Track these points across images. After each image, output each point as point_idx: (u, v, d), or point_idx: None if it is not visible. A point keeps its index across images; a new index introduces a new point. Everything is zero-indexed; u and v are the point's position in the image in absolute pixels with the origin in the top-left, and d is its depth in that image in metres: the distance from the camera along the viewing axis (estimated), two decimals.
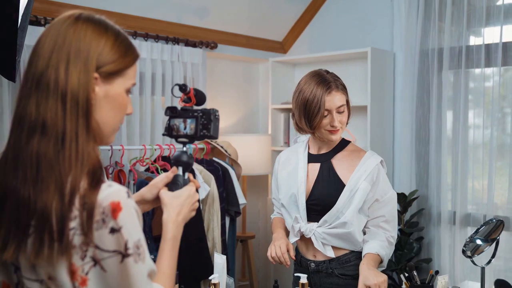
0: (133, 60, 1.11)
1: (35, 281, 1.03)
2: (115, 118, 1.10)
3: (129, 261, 1.00)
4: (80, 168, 1.00)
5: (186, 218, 1.24)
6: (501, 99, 3.18)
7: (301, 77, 4.16)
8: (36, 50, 1.05)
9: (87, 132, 1.02)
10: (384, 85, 3.59)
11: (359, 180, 1.96)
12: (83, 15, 1.08)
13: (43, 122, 1.00)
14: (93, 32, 1.05)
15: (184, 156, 1.28)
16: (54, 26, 1.06)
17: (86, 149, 1.01)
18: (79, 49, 1.03)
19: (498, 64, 3.14)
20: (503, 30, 3.13)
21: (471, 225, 3.29)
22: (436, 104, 3.41)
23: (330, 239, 1.99)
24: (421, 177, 3.49)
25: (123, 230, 0.99)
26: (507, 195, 3.14)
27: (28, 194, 0.98)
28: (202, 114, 1.28)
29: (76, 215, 0.98)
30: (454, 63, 3.34)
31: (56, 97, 1.01)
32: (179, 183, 1.27)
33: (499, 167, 3.22)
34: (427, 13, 3.43)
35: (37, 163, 0.99)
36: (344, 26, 3.95)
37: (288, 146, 4.02)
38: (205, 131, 1.28)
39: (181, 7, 3.45)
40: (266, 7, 3.89)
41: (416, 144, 3.50)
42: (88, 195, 0.99)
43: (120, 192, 1.02)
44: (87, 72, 1.03)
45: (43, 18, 2.79)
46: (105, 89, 1.07)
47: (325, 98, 1.93)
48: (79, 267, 0.99)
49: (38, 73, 1.02)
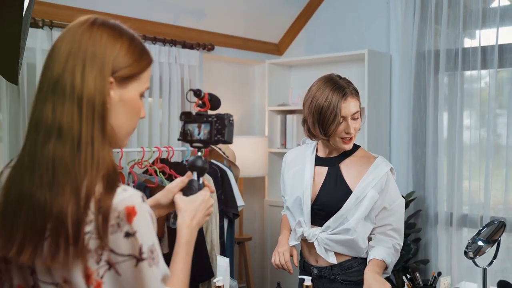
0: (147, 65, 1.12)
1: (50, 284, 1.03)
2: (130, 122, 1.11)
3: (144, 265, 1.00)
4: (95, 172, 1.00)
5: (201, 223, 1.25)
6: (496, 100, 3.20)
7: (297, 79, 4.24)
8: (52, 54, 1.05)
9: (102, 136, 1.03)
10: (380, 87, 3.61)
11: (367, 187, 1.92)
12: (98, 20, 1.08)
13: (59, 126, 1.01)
14: (109, 37, 1.06)
15: (199, 161, 1.29)
16: (70, 31, 1.07)
17: (101, 153, 1.02)
18: (94, 53, 1.03)
19: (494, 66, 3.17)
20: (499, 32, 3.16)
21: (468, 226, 3.31)
22: (433, 105, 3.43)
23: (333, 245, 1.96)
24: (418, 178, 3.51)
25: (137, 235, 1.00)
26: (504, 196, 3.17)
27: (44, 198, 0.98)
28: (216, 119, 1.28)
29: (92, 219, 0.98)
30: (451, 65, 3.36)
31: (72, 101, 1.01)
32: (194, 188, 1.27)
33: (495, 168, 3.24)
34: (424, 15, 3.46)
35: (53, 167, 0.99)
36: (340, 28, 3.97)
37: (284, 147, 4.03)
38: (220, 136, 1.28)
39: (178, 9, 3.45)
40: (262, 9, 3.90)
41: (412, 145, 3.52)
42: (104, 199, 0.99)
43: (135, 196, 1.02)
44: (103, 76, 1.03)
45: (41, 20, 2.78)
46: (120, 93, 1.07)
47: (341, 105, 1.88)
48: (94, 270, 0.99)
49: (54, 78, 1.03)
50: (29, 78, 2.78)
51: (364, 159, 2.01)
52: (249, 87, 4.30)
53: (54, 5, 2.86)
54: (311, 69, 4.02)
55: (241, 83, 4.22)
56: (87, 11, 3.01)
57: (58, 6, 2.89)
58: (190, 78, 3.56)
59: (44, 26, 2.81)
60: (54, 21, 2.84)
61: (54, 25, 2.84)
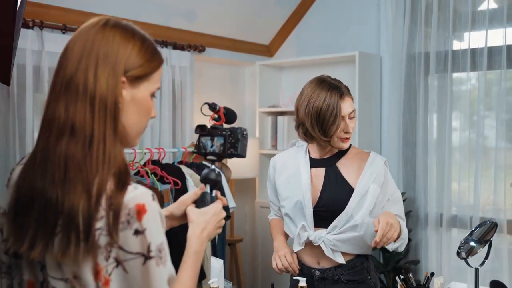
0: (158, 65, 1.13)
1: (60, 280, 1.04)
2: (141, 121, 1.13)
3: (151, 264, 1.01)
4: (107, 169, 1.01)
5: (211, 235, 1.26)
6: (485, 102, 3.23)
7: (288, 80, 4.25)
8: (65, 55, 1.07)
9: (114, 134, 1.04)
10: (371, 88, 3.63)
11: (368, 182, 1.93)
12: (110, 21, 1.10)
13: (72, 124, 1.02)
14: (121, 38, 1.07)
15: (212, 174, 1.30)
16: (82, 32, 1.09)
17: (113, 151, 1.03)
18: (107, 53, 1.05)
19: (483, 68, 3.20)
20: (488, 35, 3.19)
21: (458, 227, 3.34)
22: (423, 107, 3.45)
23: (340, 245, 1.94)
24: (408, 179, 3.53)
25: (146, 232, 1.01)
26: (492, 197, 3.20)
27: (56, 195, 1.00)
28: (230, 133, 1.30)
29: (103, 215, 1.00)
30: (441, 67, 3.39)
31: (85, 100, 1.03)
32: (206, 200, 1.29)
33: (484, 169, 3.28)
34: (414, 17, 3.48)
35: (65, 165, 1.01)
36: (331, 30, 3.98)
37: (275, 149, 4.03)
38: (233, 149, 1.30)
39: (169, 11, 3.44)
40: (253, 11, 3.90)
41: (403, 147, 3.54)
42: (115, 196, 1.00)
43: (145, 194, 1.03)
44: (115, 76, 1.05)
45: (31, 20, 2.75)
46: (132, 93, 1.09)
47: (340, 104, 1.89)
48: (103, 267, 1.00)
49: (68, 77, 1.04)
50: (19, 79, 2.75)
51: (359, 156, 2.03)
52: (239, 89, 4.30)
53: (44, 5, 2.84)
54: (302, 71, 4.03)
55: (232, 85, 4.22)
56: (77, 12, 2.99)
57: (49, 7, 2.87)
58: (181, 79, 3.56)
59: (35, 27, 2.79)
60: (44, 21, 2.82)
61: (44, 26, 2.82)
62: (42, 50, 2.83)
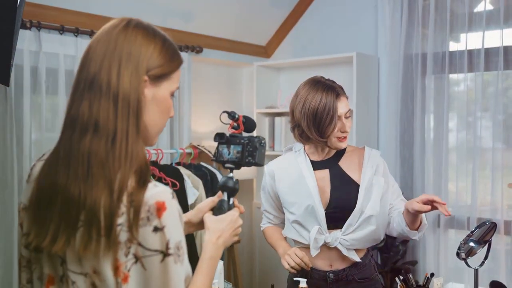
0: (178, 65, 1.17)
1: (79, 274, 1.05)
2: (161, 120, 1.15)
3: (169, 261, 1.03)
4: (129, 166, 1.03)
5: (227, 242, 1.27)
6: (482, 103, 3.24)
7: (286, 81, 4.25)
8: (87, 54, 1.10)
9: (136, 132, 1.06)
10: (368, 89, 3.63)
11: (371, 175, 1.97)
12: (132, 22, 1.12)
13: (95, 122, 1.04)
14: (143, 38, 1.10)
15: (230, 182, 1.32)
16: (105, 32, 1.11)
17: (135, 148, 1.05)
18: (130, 53, 1.07)
19: (480, 69, 3.21)
20: (485, 36, 3.20)
21: (455, 228, 3.35)
22: (420, 108, 3.46)
23: (357, 244, 1.96)
24: (406, 180, 3.54)
25: (165, 229, 1.02)
26: (490, 197, 3.21)
27: (79, 190, 1.02)
28: (248, 142, 1.33)
29: (124, 211, 1.01)
30: (438, 68, 3.40)
31: (108, 98, 1.05)
32: (224, 208, 1.31)
33: (481, 170, 3.29)
34: (411, 18, 3.49)
35: (88, 161, 1.03)
36: (328, 30, 3.99)
37: (273, 150, 4.03)
38: (251, 158, 1.32)
39: (166, 11, 3.44)
40: (250, 12, 3.90)
41: (400, 147, 3.55)
42: (136, 193, 1.02)
43: (165, 192, 1.05)
44: (138, 74, 1.08)
45: (29, 21, 2.74)
46: (153, 92, 1.11)
47: (337, 104, 1.89)
48: (122, 263, 1.02)
49: (91, 76, 1.07)
50: (16, 79, 2.74)
51: (356, 152, 2.06)
52: (237, 90, 4.29)
53: (42, 6, 2.83)
54: (300, 72, 4.03)
55: (230, 85, 4.22)
56: (75, 13, 2.99)
57: (46, 7, 2.86)
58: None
59: (32, 27, 2.78)
60: (42, 22, 2.81)
61: (42, 26, 2.81)
62: (39, 51, 2.82)
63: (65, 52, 2.93)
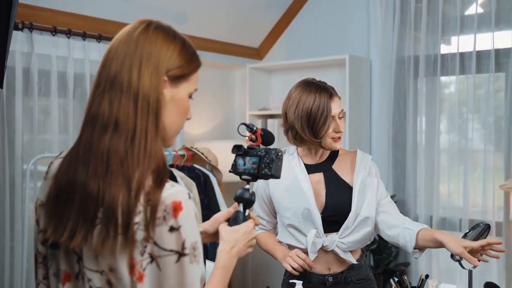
0: (197, 67, 1.19)
1: (95, 272, 1.06)
2: (179, 121, 1.17)
3: (185, 261, 1.03)
4: (147, 164, 1.05)
5: (241, 253, 1.29)
6: (473, 105, 3.27)
7: (278, 83, 4.25)
8: (109, 54, 1.12)
9: (155, 131, 1.08)
10: (361, 91, 3.65)
11: (364, 177, 1.98)
12: (153, 23, 1.15)
13: (115, 120, 1.06)
14: (163, 39, 1.12)
15: (246, 193, 1.34)
16: (126, 33, 1.14)
17: (154, 147, 1.07)
18: (150, 53, 1.10)
19: (472, 72, 3.24)
20: (476, 39, 3.23)
21: (447, 229, 3.37)
22: (412, 110, 3.48)
23: (353, 245, 1.96)
24: (398, 182, 3.56)
25: (181, 229, 1.03)
26: (481, 199, 3.23)
27: (98, 187, 1.03)
28: (265, 154, 1.34)
29: (141, 210, 1.02)
30: (430, 70, 3.42)
31: (129, 96, 1.07)
32: (239, 219, 1.32)
33: (472, 172, 3.31)
34: (403, 21, 3.51)
35: (107, 158, 1.04)
36: (320, 33, 4.00)
37: None
38: (267, 170, 1.33)
39: (159, 13, 3.42)
40: (243, 14, 3.90)
41: (393, 149, 3.57)
42: (153, 192, 1.03)
43: (182, 192, 1.06)
44: (158, 74, 1.10)
45: (21, 22, 2.73)
46: (172, 92, 1.13)
47: (330, 104, 1.90)
48: (138, 262, 1.02)
49: (112, 75, 1.09)
50: (8, 81, 2.72)
51: (348, 155, 2.07)
52: (230, 91, 4.29)
53: (34, 7, 2.81)
54: (292, 74, 4.04)
55: (222, 88, 4.22)
56: (67, 14, 2.97)
57: (38, 8, 2.84)
58: None
59: (24, 29, 2.76)
60: (34, 23, 2.79)
61: (34, 28, 2.79)
62: (31, 52, 2.80)
63: (58, 53, 2.91)
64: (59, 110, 2.96)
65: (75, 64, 2.99)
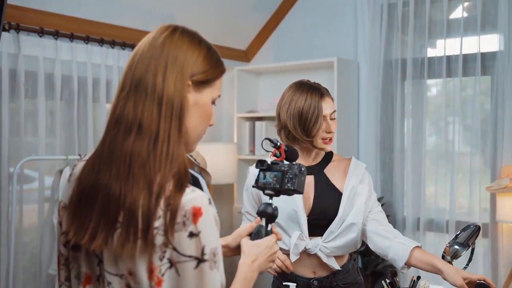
0: (221, 73, 1.19)
1: (115, 275, 1.06)
2: (201, 126, 1.17)
3: (205, 267, 1.02)
4: (169, 167, 1.05)
5: (262, 267, 1.29)
6: (460, 108, 3.31)
7: (266, 86, 4.25)
8: (134, 57, 1.13)
9: (179, 134, 1.08)
10: (348, 94, 3.67)
11: (355, 184, 1.97)
12: (179, 28, 1.16)
13: (139, 122, 1.07)
14: (189, 44, 1.13)
15: (269, 208, 1.34)
16: (152, 37, 1.15)
17: (176, 151, 1.07)
18: (176, 57, 1.10)
19: (458, 75, 3.28)
20: (463, 42, 3.27)
21: (434, 231, 3.40)
22: (400, 113, 3.51)
23: (337, 251, 1.95)
24: (386, 184, 3.58)
25: (201, 235, 1.02)
26: (468, 201, 3.27)
27: (119, 190, 1.03)
28: (288, 169, 1.35)
29: (161, 215, 1.02)
30: (417, 73, 3.45)
31: (153, 100, 1.07)
32: (261, 233, 1.33)
33: (459, 174, 3.35)
34: (390, 25, 3.54)
35: (130, 161, 1.04)
36: (308, 35, 4.01)
37: (253, 154, 4.03)
38: (290, 185, 1.34)
39: (147, 15, 3.41)
40: (231, 16, 3.90)
41: (380, 151, 3.59)
42: (173, 196, 1.03)
43: (202, 198, 1.06)
44: (183, 78, 1.10)
45: (7, 23, 2.69)
46: (196, 97, 1.14)
47: (321, 104, 1.92)
48: (157, 267, 1.02)
49: (137, 78, 1.10)
50: None
51: (342, 162, 2.06)
52: None
53: (21, 8, 2.77)
54: (280, 76, 4.05)
55: None
56: (55, 15, 2.94)
57: (26, 9, 2.80)
58: None
59: (11, 29, 2.72)
60: (21, 24, 2.76)
61: (21, 29, 2.75)
62: (18, 54, 2.76)
63: (45, 55, 2.88)
64: (46, 112, 2.93)
65: (62, 65, 2.96)
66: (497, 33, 3.19)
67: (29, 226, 2.93)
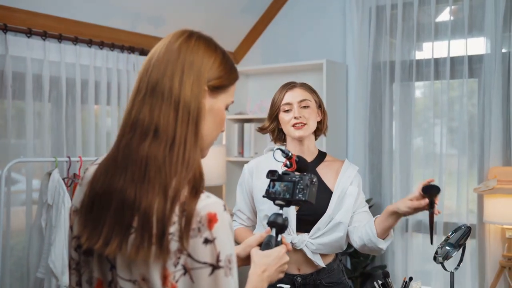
0: (235, 79, 1.20)
1: (128, 281, 1.05)
2: (215, 132, 1.17)
3: (220, 273, 1.02)
4: (185, 172, 1.04)
5: (272, 277, 1.29)
6: (448, 110, 3.34)
7: (255, 88, 4.27)
8: (150, 61, 1.12)
9: (195, 139, 1.08)
10: (337, 96, 3.68)
11: (346, 184, 2.02)
12: (195, 33, 1.16)
13: (156, 126, 1.06)
14: (205, 49, 1.13)
15: (279, 218, 1.35)
16: (167, 41, 1.15)
17: (192, 156, 1.06)
18: (192, 62, 1.10)
19: (446, 77, 3.31)
20: (450, 45, 3.30)
21: (422, 232, 3.43)
22: (388, 115, 3.54)
23: (322, 248, 1.99)
24: (375, 186, 3.60)
25: (216, 241, 1.02)
26: (455, 202, 3.30)
27: (134, 194, 1.02)
28: (299, 179, 1.36)
29: (175, 221, 1.01)
30: (405, 75, 3.48)
31: (170, 104, 1.07)
32: (271, 243, 1.33)
33: (447, 176, 3.38)
34: (379, 28, 3.57)
35: (146, 165, 1.03)
36: (297, 37, 4.02)
37: (242, 156, 4.02)
38: (301, 195, 1.35)
39: (136, 16, 3.39)
40: (219, 18, 3.89)
41: (369, 153, 3.61)
42: (188, 202, 1.02)
43: (217, 204, 1.05)
44: (199, 83, 1.10)
45: None
46: (211, 102, 1.14)
47: (285, 93, 2.04)
48: (171, 273, 1.01)
49: (153, 82, 1.09)
50: None
51: (335, 163, 2.12)
52: None
53: (9, 8, 2.74)
54: (269, 78, 4.05)
55: None
56: (43, 15, 2.91)
57: (13, 10, 2.77)
58: None
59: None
60: (8, 24, 2.72)
61: (8, 29, 2.72)
62: (5, 54, 2.72)
63: (33, 56, 2.84)
64: (34, 114, 2.89)
65: (50, 66, 2.93)
66: (484, 36, 3.22)
67: (16, 228, 2.90)
